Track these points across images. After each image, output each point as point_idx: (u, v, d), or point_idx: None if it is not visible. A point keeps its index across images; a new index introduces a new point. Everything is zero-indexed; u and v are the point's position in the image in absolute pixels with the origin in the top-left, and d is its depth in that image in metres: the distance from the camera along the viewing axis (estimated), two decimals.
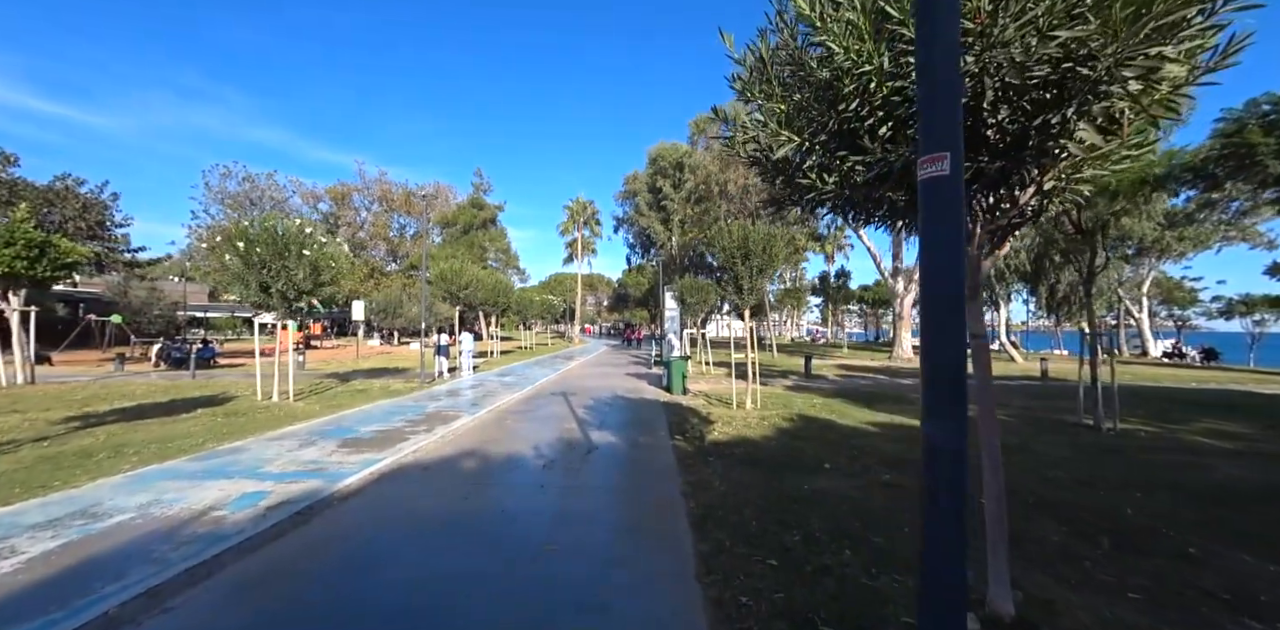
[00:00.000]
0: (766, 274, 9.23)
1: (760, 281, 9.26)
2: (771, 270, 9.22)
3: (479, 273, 19.79)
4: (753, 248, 9.04)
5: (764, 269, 9.19)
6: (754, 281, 9.23)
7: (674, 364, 12.03)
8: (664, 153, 40.27)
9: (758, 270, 9.16)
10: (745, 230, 9.14)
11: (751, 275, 9.17)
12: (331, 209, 38.34)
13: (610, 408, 9.78)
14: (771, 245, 9.11)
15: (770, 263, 9.17)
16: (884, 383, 14.56)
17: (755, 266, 9.12)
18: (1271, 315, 36.84)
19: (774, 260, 9.17)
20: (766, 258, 9.12)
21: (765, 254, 9.10)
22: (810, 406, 9.86)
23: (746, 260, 9.11)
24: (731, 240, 9.14)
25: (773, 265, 9.20)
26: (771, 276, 9.09)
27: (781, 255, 9.32)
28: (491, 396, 10.95)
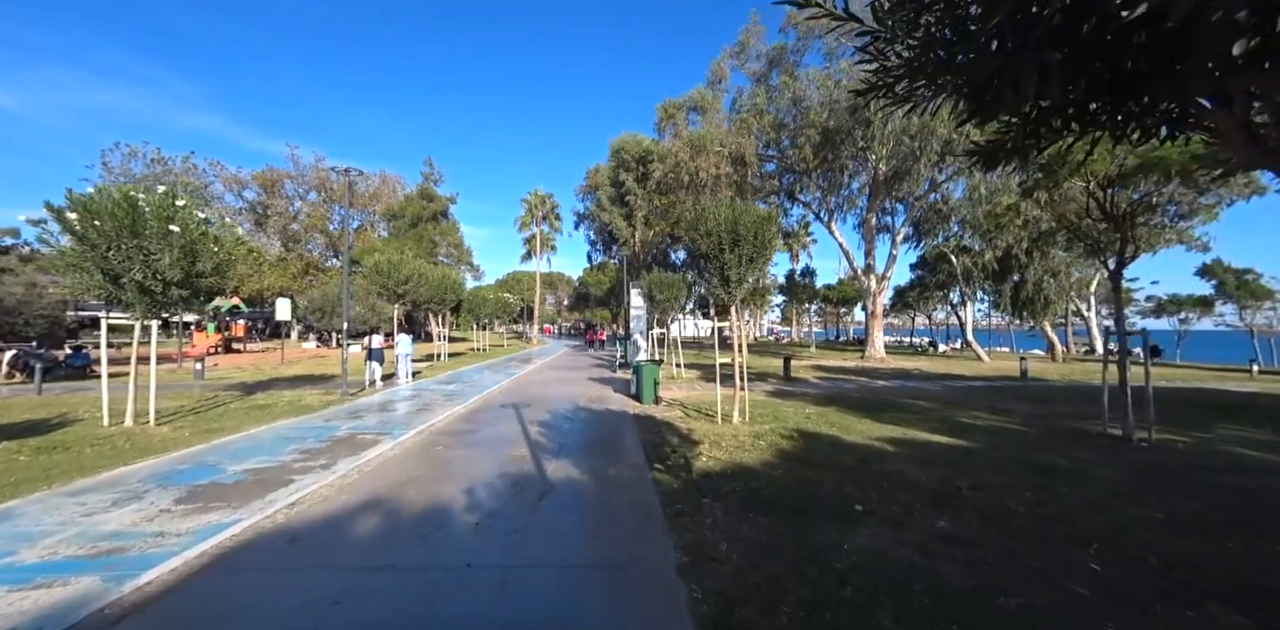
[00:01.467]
0: (758, 263, 7.82)
1: (751, 271, 7.85)
2: (764, 259, 7.82)
3: (422, 267, 17.60)
4: (743, 232, 7.61)
5: (755, 257, 7.78)
6: (744, 272, 7.81)
7: (644, 369, 10.49)
8: (627, 145, 38.71)
9: (748, 259, 7.74)
10: (736, 211, 7.70)
11: (741, 264, 7.74)
12: (260, 197, 34.58)
13: (571, 423, 8.13)
14: (764, 230, 7.71)
15: (763, 250, 7.77)
16: (872, 387, 13.54)
17: (745, 254, 7.69)
18: (1195, 314, 39.22)
19: (767, 247, 7.78)
20: (758, 244, 7.71)
21: (757, 240, 7.69)
22: (805, 418, 8.54)
23: (735, 247, 7.67)
24: (718, 223, 7.67)
25: (765, 253, 7.80)
26: (764, 266, 7.67)
27: (775, 242, 7.94)
28: (426, 411, 9.06)
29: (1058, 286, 22.01)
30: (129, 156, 29.31)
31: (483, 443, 6.78)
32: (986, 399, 11.17)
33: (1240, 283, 30.06)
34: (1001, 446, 6.70)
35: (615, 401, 10.61)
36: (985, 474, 5.41)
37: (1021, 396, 11.63)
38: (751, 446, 6.57)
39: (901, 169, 18.80)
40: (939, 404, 10.31)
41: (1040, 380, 15.40)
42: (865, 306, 22.44)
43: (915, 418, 8.67)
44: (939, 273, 27.22)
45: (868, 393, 12.10)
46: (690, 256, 8.57)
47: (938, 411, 9.41)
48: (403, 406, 9.60)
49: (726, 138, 19.95)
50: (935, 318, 52.21)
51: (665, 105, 19.97)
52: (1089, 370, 18.68)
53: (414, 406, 9.61)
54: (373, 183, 45.12)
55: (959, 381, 14.78)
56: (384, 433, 7.25)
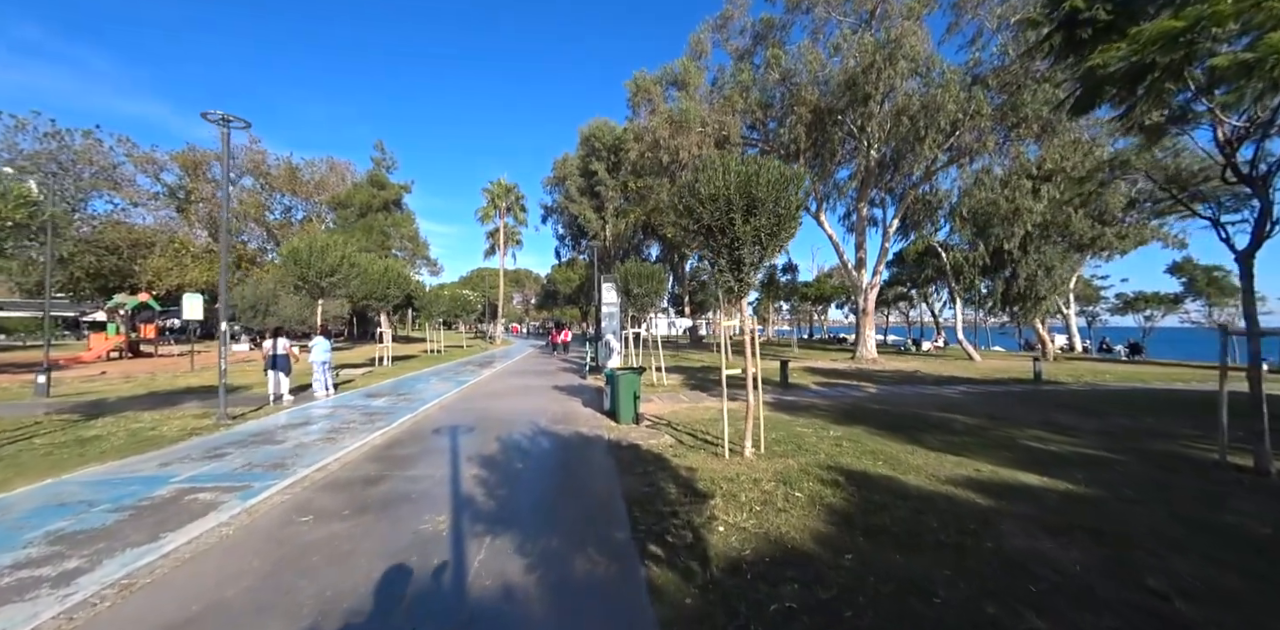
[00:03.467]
0: (779, 240, 5.74)
1: (771, 251, 5.76)
2: (786, 234, 5.75)
3: (357, 256, 14.88)
4: (760, 195, 5.51)
5: (776, 232, 5.69)
6: (762, 251, 5.71)
7: (621, 380, 8.31)
8: (599, 131, 36.38)
9: (767, 233, 5.65)
10: (750, 166, 5.59)
11: (759, 240, 5.65)
12: (183, 181, 30.59)
13: (525, 461, 5.88)
14: (786, 194, 5.63)
15: (785, 222, 5.69)
16: (884, 395, 11.74)
17: (764, 227, 5.59)
18: (1159, 311, 39.86)
19: (790, 218, 5.70)
20: (780, 213, 5.63)
21: (778, 206, 5.61)
22: (835, 446, 6.53)
23: (750, 217, 5.57)
24: (726, 183, 5.55)
25: (788, 226, 5.73)
26: (784, 244, 5.59)
27: (800, 213, 5.87)
28: (328, 442, 6.63)
29: (1050, 282, 20.96)
30: (15, 129, 25.10)
31: (384, 504, 4.46)
32: (1026, 410, 9.48)
33: (1210, 280, 30.21)
34: (1126, 491, 4.83)
35: (586, 420, 8.39)
36: (1169, 556, 3.47)
37: (1061, 405, 10.01)
38: (785, 501, 4.48)
39: (900, 151, 17.22)
40: (980, 419, 8.52)
41: (1055, 383, 14.00)
42: (856, 303, 20.87)
43: (970, 442, 6.79)
44: (926, 268, 26.05)
45: (885, 403, 10.26)
46: (683, 233, 6.11)
47: (988, 430, 7.58)
48: (296, 435, 7.10)
49: (709, 115, 17.93)
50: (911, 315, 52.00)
51: (638, 79, 17.79)
52: (1093, 370, 17.56)
53: (313, 435, 7.13)
54: (319, 169, 41.34)
55: (973, 386, 13.20)
56: (237, 486, 4.83)
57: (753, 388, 6.05)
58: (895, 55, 15.19)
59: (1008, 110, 15.12)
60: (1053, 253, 21.05)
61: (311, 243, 13.05)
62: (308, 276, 12.77)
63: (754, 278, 5.91)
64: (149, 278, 28.41)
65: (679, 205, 6.18)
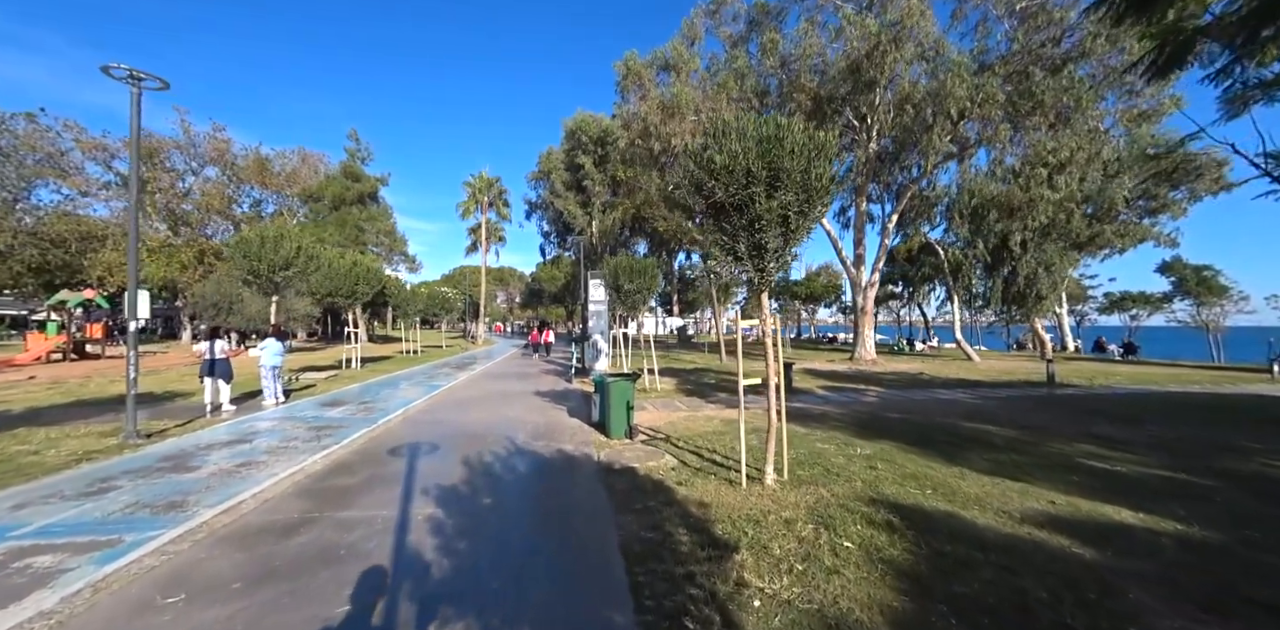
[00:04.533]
0: (810, 218, 4.68)
1: (801, 231, 4.70)
2: (817, 211, 4.68)
3: (317, 248, 13.51)
4: (788, 165, 4.44)
5: (805, 210, 4.63)
6: (792, 231, 4.65)
7: (612, 388, 7.19)
8: (584, 124, 35.14)
9: (797, 211, 4.58)
10: (777, 127, 4.51)
11: (786, 221, 4.58)
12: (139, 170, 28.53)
13: (495, 495, 4.73)
14: (817, 164, 4.57)
15: (818, 196, 4.63)
16: (898, 401, 10.82)
17: (792, 204, 4.53)
18: (1145, 311, 40.07)
19: (822, 192, 4.64)
20: (811, 187, 4.57)
21: (808, 178, 4.55)
22: (868, 469, 5.51)
23: (774, 191, 4.50)
24: (746, 149, 4.47)
25: (819, 202, 4.67)
26: (814, 225, 4.51)
27: (833, 188, 4.81)
28: (252, 470, 5.39)
29: (1051, 281, 20.37)
30: None
31: (297, 568, 3.28)
32: (1058, 418, 8.61)
33: (1200, 279, 30.17)
34: (1252, 533, 3.87)
35: (571, 434, 7.26)
36: None
37: (1092, 412, 9.16)
38: (834, 556, 3.42)
39: (902, 143, 16.38)
40: (1014, 429, 7.59)
41: (1068, 386, 13.25)
42: (854, 302, 20.05)
43: (1021, 462, 5.82)
44: (922, 266, 25.41)
45: (903, 411, 9.30)
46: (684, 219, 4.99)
47: (1032, 445, 6.64)
48: (219, 459, 5.84)
49: (702, 102, 16.89)
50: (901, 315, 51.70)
51: (629, 61, 16.66)
52: (1099, 371, 16.94)
53: (239, 458, 5.88)
54: (290, 160, 39.36)
55: (987, 390, 12.36)
56: (101, 542, 3.60)
57: (778, 401, 4.99)
58: (901, 38, 14.31)
59: (1018, 99, 14.34)
60: (1053, 250, 20.49)
61: (263, 232, 11.67)
62: (259, 270, 11.39)
63: (779, 265, 4.84)
64: (99, 273, 26.43)
65: (685, 179, 5.08)
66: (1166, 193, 25.77)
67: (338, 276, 15.61)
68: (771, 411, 5.00)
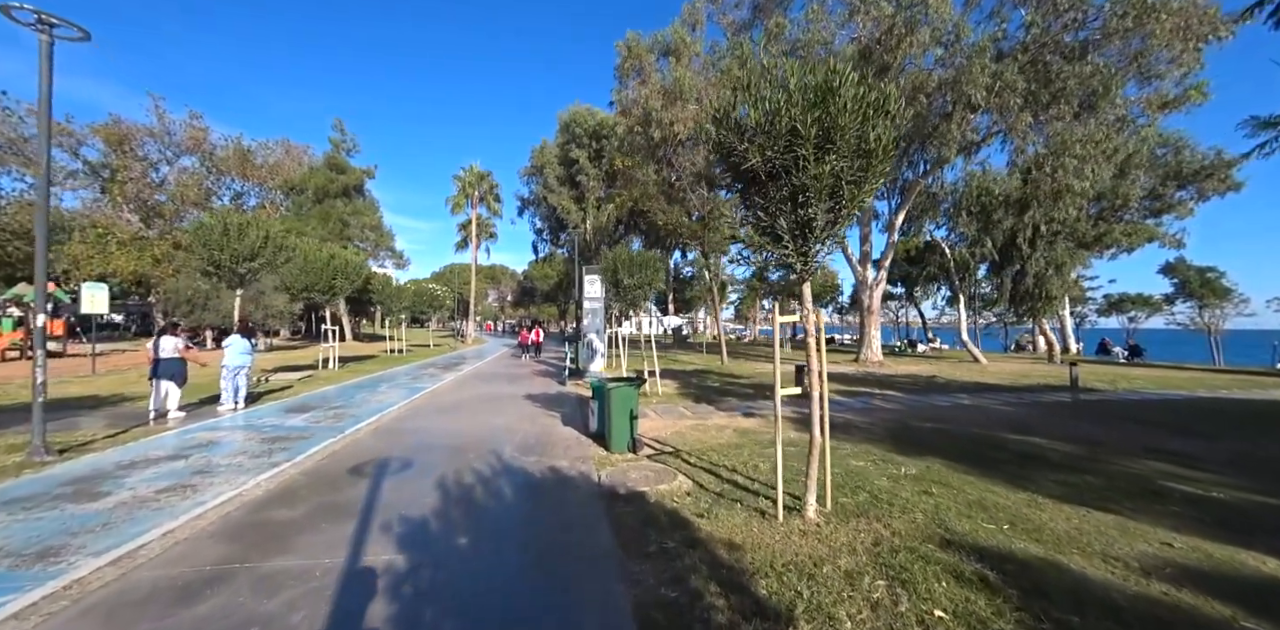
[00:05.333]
0: (863, 190, 3.78)
1: (854, 204, 3.80)
2: (873, 181, 3.79)
3: (288, 238, 12.43)
4: (843, 122, 3.54)
5: (860, 178, 3.73)
6: (843, 205, 3.75)
7: (614, 395, 6.26)
8: (579, 117, 34.18)
9: (849, 180, 3.69)
10: (829, 73, 3.60)
11: (838, 192, 3.69)
12: (106, 158, 27.14)
13: (473, 535, 3.79)
14: (872, 122, 3.67)
15: (875, 163, 3.73)
16: (919, 407, 9.99)
17: (845, 171, 3.63)
18: (1144, 312, 39.86)
19: (883, 157, 3.74)
20: (866, 151, 3.67)
21: (864, 142, 3.65)
22: (921, 494, 4.63)
23: (824, 153, 3.60)
24: (789, 101, 3.56)
25: (878, 169, 3.77)
26: (869, 197, 3.59)
27: (892, 151, 3.90)
28: (174, 498, 4.41)
29: (1061, 280, 19.74)
30: None
31: None
32: (1106, 429, 7.81)
33: (1204, 281, 29.82)
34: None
35: (566, 447, 6.32)
36: None
37: (1141, 422, 8.37)
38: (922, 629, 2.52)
39: (914, 135, 15.59)
40: (1066, 443, 6.76)
41: (1093, 390, 12.51)
42: (862, 301, 19.25)
43: (1098, 485, 4.97)
44: (927, 265, 24.75)
45: (932, 419, 8.46)
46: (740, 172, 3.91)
47: (1096, 463, 5.80)
48: (136, 482, 4.84)
49: (705, 90, 15.99)
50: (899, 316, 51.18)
51: (631, 42, 15.72)
52: (1117, 375, 16.25)
53: (164, 481, 4.88)
54: (273, 152, 37.94)
55: (1010, 396, 11.58)
56: None
57: (822, 415, 4.10)
58: (915, 21, 13.50)
59: (1038, 87, 13.59)
60: (1063, 249, 19.86)
61: (226, 219, 10.60)
62: (220, 261, 10.32)
63: (824, 248, 3.95)
64: (65, 266, 25.03)
65: (709, 144, 4.17)
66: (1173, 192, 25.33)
67: (314, 270, 14.52)
68: (815, 427, 4.11)
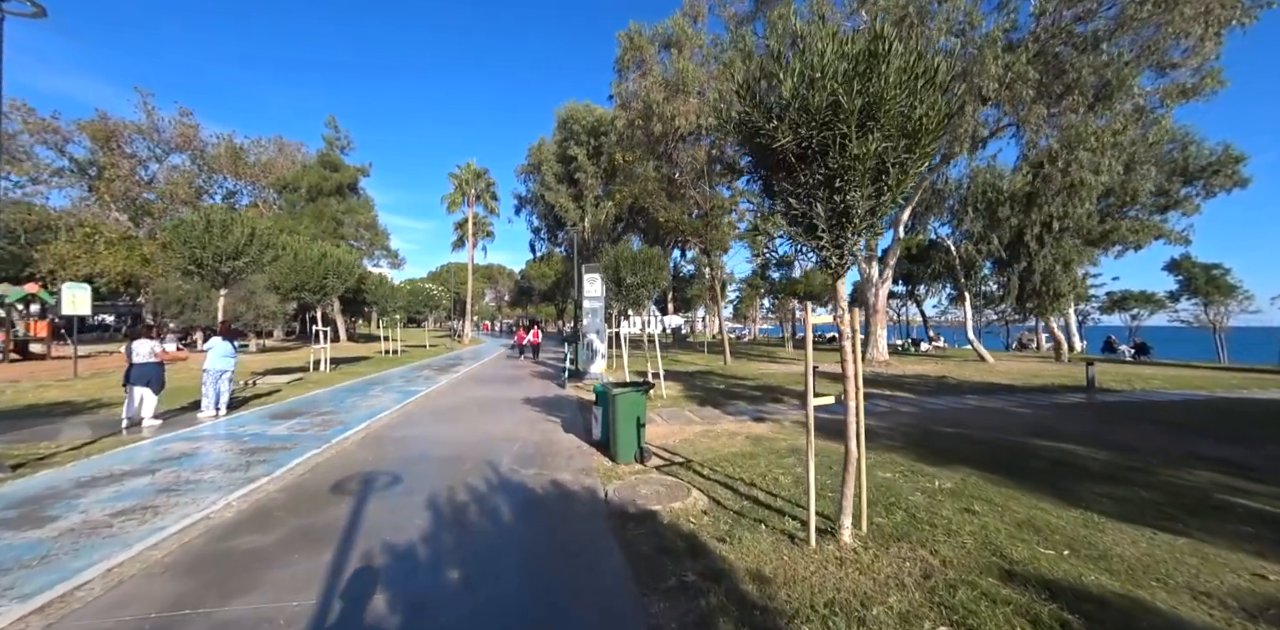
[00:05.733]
0: (909, 172, 3.33)
1: (901, 187, 3.36)
2: (920, 162, 3.34)
3: (274, 235, 11.93)
4: (888, 93, 3.09)
5: (906, 160, 3.28)
6: (888, 189, 3.31)
7: (620, 401, 5.82)
8: (577, 114, 33.71)
9: (894, 161, 3.24)
10: (874, 38, 3.15)
11: (882, 174, 3.24)
12: (93, 155, 26.52)
13: (466, 568, 3.32)
14: (921, 92, 3.22)
15: (923, 141, 3.28)
16: (938, 411, 9.57)
17: (890, 150, 3.19)
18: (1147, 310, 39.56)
19: (933, 134, 3.29)
20: (914, 127, 3.22)
21: (909, 115, 3.20)
22: (963, 513, 4.19)
23: (867, 131, 3.14)
24: (828, 69, 3.11)
25: (927, 147, 3.32)
26: (915, 179, 3.11)
27: (946, 123, 3.44)
28: (129, 523, 3.94)
29: (1070, 278, 19.34)
30: None
31: None
32: (1140, 434, 7.39)
33: (1209, 278, 29.51)
34: None
35: (568, 458, 5.87)
36: None
37: (1173, 425, 7.96)
38: None
39: None
40: (1101, 450, 6.34)
41: (1109, 391, 12.12)
42: (867, 300, 18.85)
43: (1151, 500, 4.54)
44: (932, 263, 24.37)
45: (950, 423, 8.04)
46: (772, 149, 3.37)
47: (1141, 473, 5.38)
48: (90, 504, 4.37)
49: (707, 82, 15.54)
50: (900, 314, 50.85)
51: (633, 33, 15.26)
52: (1130, 374, 15.89)
53: (123, 501, 4.41)
54: (267, 150, 37.35)
55: (1025, 397, 11.19)
56: None
57: (855, 422, 3.66)
58: (927, 10, 13.07)
59: (1050, 78, 13.18)
60: (1071, 246, 19.47)
61: (209, 215, 10.10)
62: (202, 259, 9.81)
63: (864, 237, 3.50)
64: (51, 266, 24.45)
65: (726, 122, 3.72)
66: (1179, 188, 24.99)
67: (304, 268, 14.01)
68: (851, 440, 3.66)
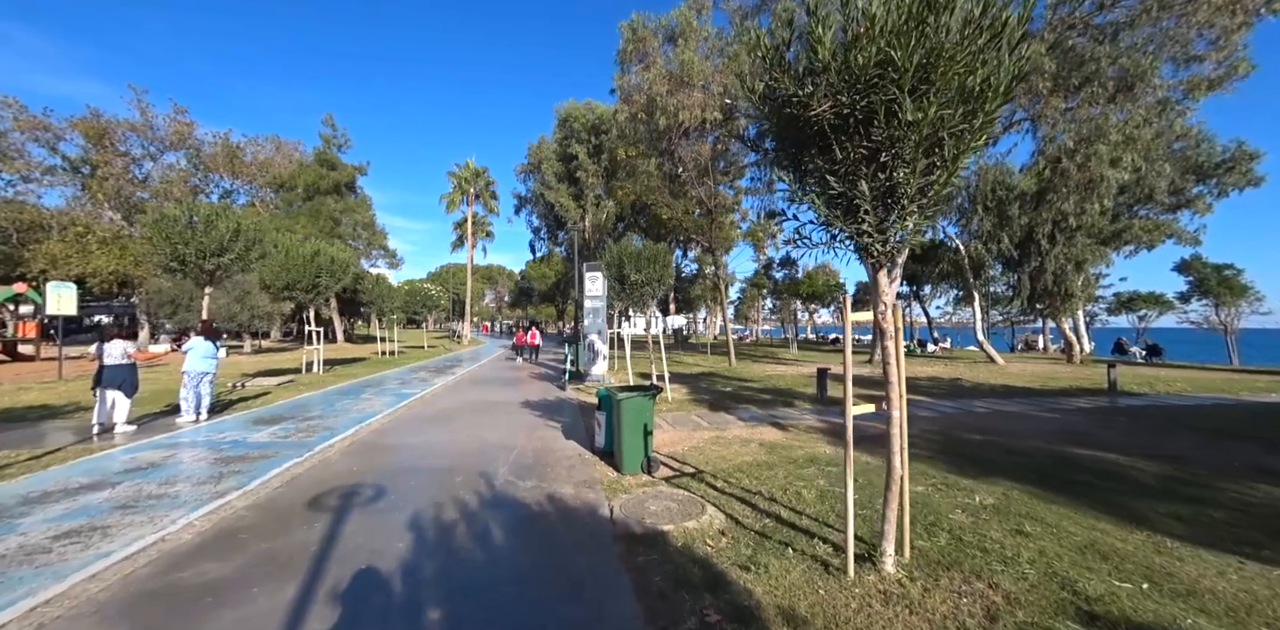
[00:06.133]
0: (968, 144, 2.87)
1: (959, 161, 2.90)
2: (982, 132, 2.88)
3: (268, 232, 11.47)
4: (948, 53, 2.64)
5: (964, 130, 2.83)
6: (944, 164, 2.85)
7: (626, 407, 5.35)
8: (577, 112, 33.28)
9: (951, 130, 2.78)
10: None
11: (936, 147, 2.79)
12: (86, 153, 26.09)
13: (452, 603, 2.84)
14: (989, 47, 2.77)
15: (986, 107, 2.82)
16: (959, 416, 9.12)
17: (948, 118, 2.73)
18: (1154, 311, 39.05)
19: (999, 97, 2.83)
20: (975, 91, 2.76)
21: (968, 76, 2.75)
22: (1015, 535, 3.72)
23: (921, 95, 2.69)
24: (877, 19, 2.66)
25: (989, 113, 2.86)
26: (973, 153, 2.62)
27: (1014, 88, 2.99)
28: (72, 548, 3.47)
29: (1082, 278, 18.87)
30: None
31: None
32: (1176, 441, 6.92)
33: (1221, 278, 28.98)
34: None
35: (568, 469, 5.39)
36: None
37: (1215, 433, 7.48)
38: None
39: None
40: (1147, 460, 5.86)
41: (1131, 394, 11.64)
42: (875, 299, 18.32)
43: (1223, 520, 4.07)
44: (940, 262, 23.89)
45: (977, 428, 7.57)
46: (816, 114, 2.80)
47: (1202, 487, 4.90)
48: (39, 525, 3.90)
49: (712, 75, 15.09)
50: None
51: (635, 25, 14.80)
52: (1148, 377, 15.41)
53: (76, 520, 3.95)
54: (264, 149, 36.94)
55: (1048, 400, 10.72)
56: None
57: (899, 435, 3.20)
58: None
59: (1070, 70, 12.72)
60: (1084, 245, 19.00)
61: (192, 209, 9.64)
62: (184, 256, 9.35)
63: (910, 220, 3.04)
64: (42, 266, 24.02)
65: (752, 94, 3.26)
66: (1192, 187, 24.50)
67: (295, 267, 13.55)
68: (895, 455, 3.21)
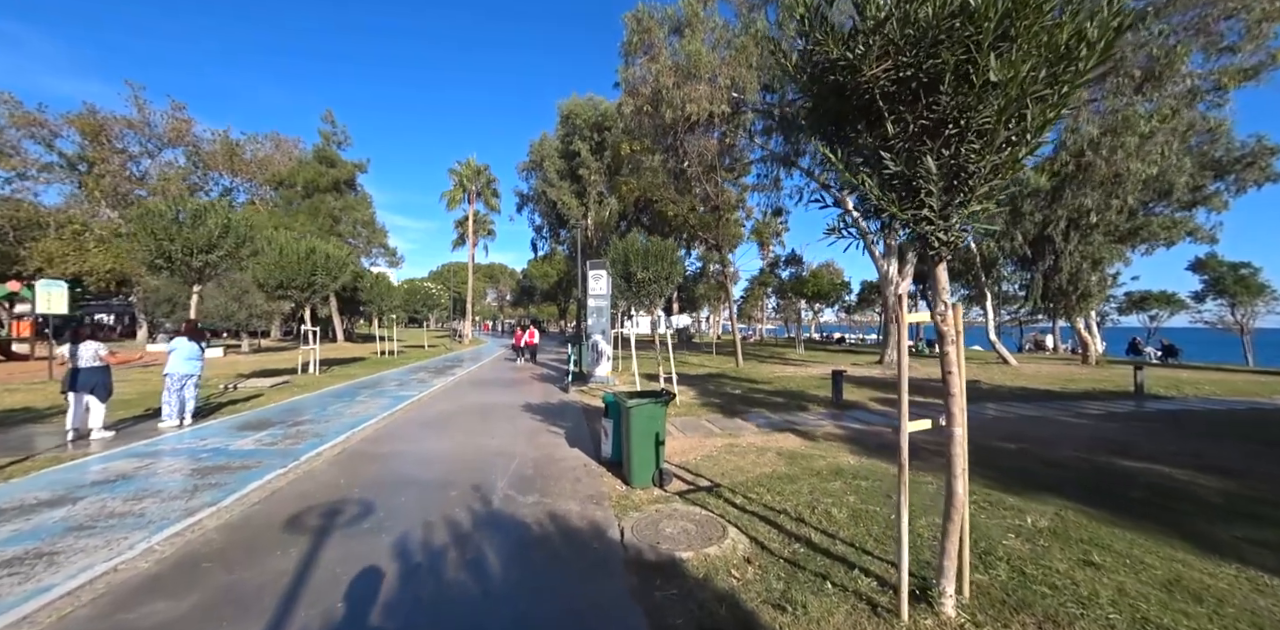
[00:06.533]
0: (1054, 105, 2.41)
1: (1044, 130, 2.44)
2: (1065, 102, 2.43)
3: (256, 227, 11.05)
4: (1034, 2, 2.17)
5: (1047, 94, 2.36)
6: (1027, 131, 2.39)
7: (635, 415, 4.90)
8: (580, 108, 32.84)
9: (1034, 95, 2.32)
10: None
11: (1017, 119, 2.33)
12: (82, 150, 25.75)
13: None
14: None
15: (1083, 63, 2.36)
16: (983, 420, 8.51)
17: (1029, 82, 2.26)
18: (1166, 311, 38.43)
19: (1097, 56, 2.36)
20: (1072, 54, 2.30)
21: (1053, 32, 2.28)
22: (1080, 565, 3.26)
23: (999, 50, 2.23)
24: None
25: (1090, 68, 2.39)
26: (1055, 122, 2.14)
27: (1114, 45, 2.52)
28: (18, 576, 3.04)
29: (1099, 276, 18.35)
30: None
31: None
32: (1222, 448, 6.46)
33: (1237, 277, 28.40)
34: None
35: (573, 483, 4.95)
36: None
37: (1258, 440, 7.00)
38: None
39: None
40: (1203, 474, 5.40)
41: (1159, 397, 11.15)
42: (885, 299, 17.88)
43: None
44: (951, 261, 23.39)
45: (1008, 436, 7.10)
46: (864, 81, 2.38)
47: (1269, 504, 4.43)
48: None
49: (720, 67, 14.62)
50: None
51: (639, 15, 14.34)
52: (1170, 379, 14.89)
53: (23, 545, 3.53)
54: (263, 146, 36.61)
55: (1073, 404, 10.25)
56: None
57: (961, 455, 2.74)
58: None
59: None
60: (1101, 243, 18.47)
61: (179, 204, 9.23)
62: (170, 253, 8.93)
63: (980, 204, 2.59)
64: (39, 263, 23.72)
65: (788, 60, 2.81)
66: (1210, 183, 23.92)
67: (289, 265, 13.14)
68: (957, 478, 2.74)
